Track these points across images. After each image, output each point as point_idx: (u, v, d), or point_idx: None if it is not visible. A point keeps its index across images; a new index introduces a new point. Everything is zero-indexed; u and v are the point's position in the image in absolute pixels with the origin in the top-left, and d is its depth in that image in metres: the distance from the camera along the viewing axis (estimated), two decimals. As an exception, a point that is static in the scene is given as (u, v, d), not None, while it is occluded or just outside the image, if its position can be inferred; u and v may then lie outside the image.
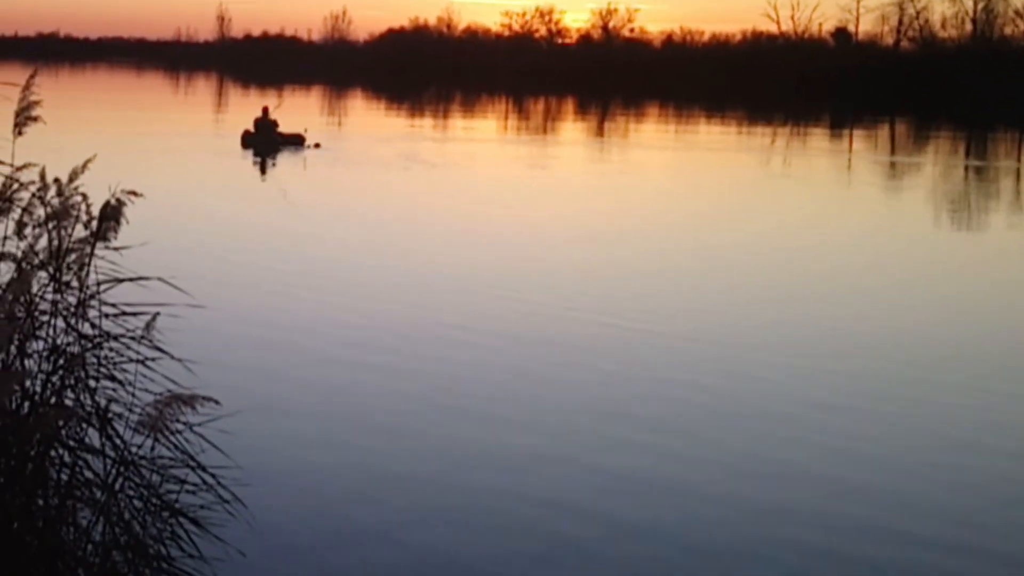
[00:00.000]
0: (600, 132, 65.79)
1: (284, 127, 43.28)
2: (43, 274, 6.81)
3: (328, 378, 12.82)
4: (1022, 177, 45.17)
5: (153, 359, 6.87)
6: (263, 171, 36.40)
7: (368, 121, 68.35)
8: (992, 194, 38.67)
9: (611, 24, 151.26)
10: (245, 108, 45.20)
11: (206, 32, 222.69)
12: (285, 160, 38.82)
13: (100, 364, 6.78)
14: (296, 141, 42.74)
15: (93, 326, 6.82)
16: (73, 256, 6.84)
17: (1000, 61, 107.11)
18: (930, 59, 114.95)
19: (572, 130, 67.87)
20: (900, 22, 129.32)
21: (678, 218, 28.86)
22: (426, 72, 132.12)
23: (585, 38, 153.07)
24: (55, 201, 6.92)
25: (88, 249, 6.85)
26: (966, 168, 48.89)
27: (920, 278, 21.28)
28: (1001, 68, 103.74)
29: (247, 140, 42.93)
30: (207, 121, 58.54)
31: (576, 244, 23.04)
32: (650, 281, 19.34)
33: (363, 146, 45.91)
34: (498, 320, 15.96)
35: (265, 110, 43.90)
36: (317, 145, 42.70)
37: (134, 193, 6.94)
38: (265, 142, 42.30)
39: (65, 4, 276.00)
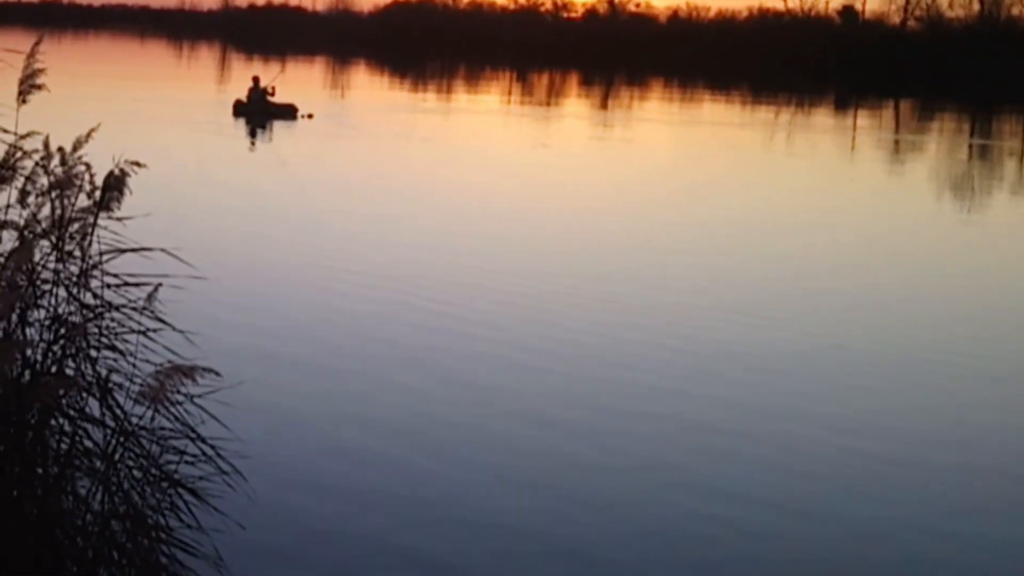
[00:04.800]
0: (604, 106, 65.67)
1: (284, 98, 43.06)
2: (45, 243, 6.78)
3: (329, 351, 12.81)
4: (1026, 157, 45.15)
5: (154, 330, 6.84)
6: (255, 141, 36.24)
7: (370, 93, 68.22)
8: (995, 172, 38.64)
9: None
10: (247, 78, 45.04)
11: (210, 1, 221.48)
12: (278, 130, 38.64)
13: (101, 334, 6.75)
14: (289, 112, 42.47)
15: (95, 296, 6.79)
16: (76, 226, 6.80)
17: (1006, 41, 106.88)
18: (936, 39, 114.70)
19: (576, 104, 67.74)
20: (907, 1, 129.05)
21: (675, 192, 28.79)
22: (430, 44, 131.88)
23: (591, 12, 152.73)
24: (58, 170, 6.89)
25: (91, 219, 6.82)
26: (970, 147, 48.87)
27: (919, 255, 21.25)
28: (1007, 48, 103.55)
29: (239, 109, 42.69)
30: (208, 91, 58.38)
31: (571, 217, 23.03)
32: (642, 256, 19.35)
33: (363, 118, 45.83)
34: (497, 296, 15.96)
35: (256, 79, 43.61)
36: (310, 116, 42.46)
37: (137, 163, 6.90)
38: (257, 112, 42.08)
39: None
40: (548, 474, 9.61)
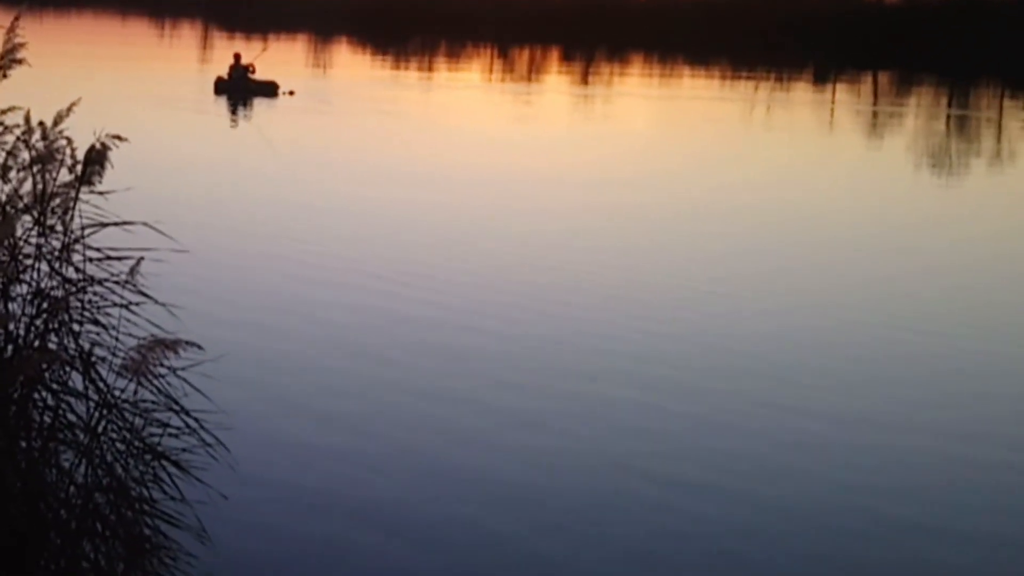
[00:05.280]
0: (585, 81, 65.55)
1: (266, 76, 42.93)
2: (27, 218, 6.80)
3: (310, 324, 12.86)
4: (1003, 127, 45.26)
5: (137, 304, 6.87)
6: (236, 118, 36.17)
7: (352, 70, 67.98)
8: (972, 142, 38.78)
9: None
10: (228, 56, 44.90)
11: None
12: (259, 107, 38.56)
13: (84, 308, 6.78)
14: (270, 89, 42.41)
15: (77, 270, 6.81)
16: (58, 200, 6.82)
17: (983, 14, 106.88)
18: (914, 11, 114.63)
19: (557, 79, 67.61)
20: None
21: (653, 169, 28.78)
22: (412, 21, 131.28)
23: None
24: (40, 144, 6.90)
25: (73, 193, 6.84)
26: (948, 117, 48.96)
27: (896, 225, 21.34)
28: (984, 21, 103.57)
29: (220, 87, 42.64)
30: (189, 68, 58.13)
31: (550, 193, 23.07)
32: (626, 230, 19.40)
33: (345, 94, 45.71)
34: (477, 272, 16.01)
35: (237, 57, 43.53)
36: (291, 92, 42.41)
37: (119, 137, 6.91)
38: (238, 89, 42.04)
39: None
40: (528, 463, 9.67)
